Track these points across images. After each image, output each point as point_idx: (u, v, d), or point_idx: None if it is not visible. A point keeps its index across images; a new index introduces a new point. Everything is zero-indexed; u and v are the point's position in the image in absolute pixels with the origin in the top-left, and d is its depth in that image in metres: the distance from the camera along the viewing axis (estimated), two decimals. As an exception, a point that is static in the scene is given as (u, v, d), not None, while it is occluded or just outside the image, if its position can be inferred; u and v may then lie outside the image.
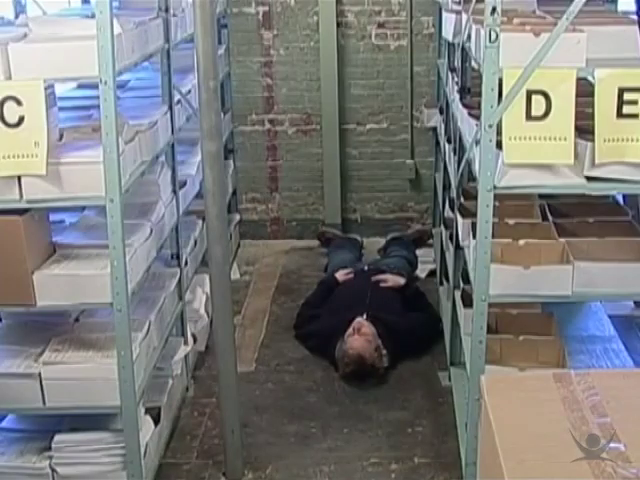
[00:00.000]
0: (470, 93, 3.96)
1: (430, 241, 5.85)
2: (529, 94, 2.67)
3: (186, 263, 4.13)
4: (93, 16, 2.78)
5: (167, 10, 3.76)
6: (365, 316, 4.37)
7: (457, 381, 3.94)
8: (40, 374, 3.10)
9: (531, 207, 3.57)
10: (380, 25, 5.80)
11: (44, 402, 3.13)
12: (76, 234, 3.40)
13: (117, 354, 3.04)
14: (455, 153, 4.08)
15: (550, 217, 3.47)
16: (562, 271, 2.96)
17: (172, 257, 4.00)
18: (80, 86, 4.11)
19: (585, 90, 2.76)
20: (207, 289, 4.42)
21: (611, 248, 3.13)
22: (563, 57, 2.65)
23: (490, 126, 2.74)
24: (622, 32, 2.82)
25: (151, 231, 3.42)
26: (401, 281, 4.90)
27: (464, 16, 3.68)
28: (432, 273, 5.38)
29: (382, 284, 4.83)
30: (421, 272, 5.44)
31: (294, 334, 4.68)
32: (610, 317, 4.03)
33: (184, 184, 4.16)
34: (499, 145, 2.75)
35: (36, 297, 3.01)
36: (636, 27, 2.79)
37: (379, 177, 6.08)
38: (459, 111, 3.79)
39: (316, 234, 6.01)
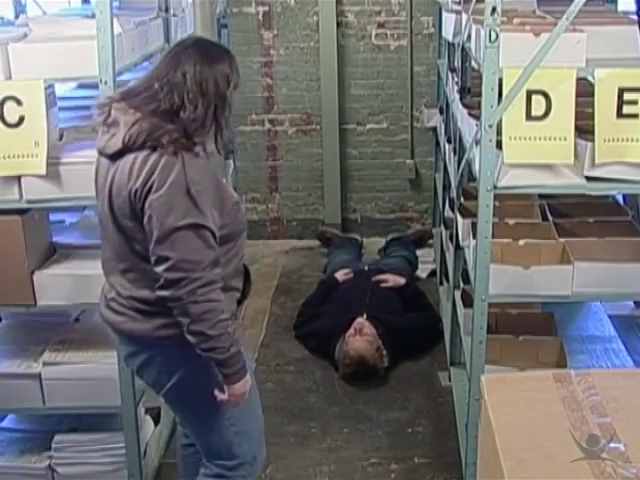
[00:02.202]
0: (470, 93, 3.96)
1: (430, 241, 5.86)
2: (529, 94, 2.67)
3: (186, 263, 4.12)
4: (93, 16, 2.78)
5: (167, 10, 3.76)
6: (365, 316, 4.37)
7: (457, 381, 3.94)
8: (40, 374, 3.10)
9: (531, 207, 3.57)
10: (380, 25, 5.80)
11: (44, 402, 3.13)
12: (76, 234, 3.40)
13: (117, 354, 3.04)
14: (455, 153, 4.08)
15: (550, 217, 3.47)
16: (562, 271, 2.96)
17: (172, 257, 3.99)
18: (80, 86, 4.11)
19: (585, 90, 2.76)
20: (207, 289, 4.41)
21: (611, 248, 3.13)
22: (563, 57, 2.65)
23: (490, 126, 2.74)
24: (622, 32, 2.82)
25: (151, 231, 3.42)
26: (401, 281, 4.91)
27: (464, 16, 3.68)
28: (433, 273, 5.38)
29: (382, 284, 4.83)
30: (422, 272, 5.44)
31: (294, 334, 4.68)
32: (610, 317, 4.02)
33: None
34: (499, 145, 2.75)
35: (36, 297, 3.01)
36: (636, 27, 2.79)
37: (379, 177, 6.08)
38: (459, 111, 3.79)
39: (316, 234, 6.02)
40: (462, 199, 3.78)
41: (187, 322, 2.31)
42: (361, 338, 4.21)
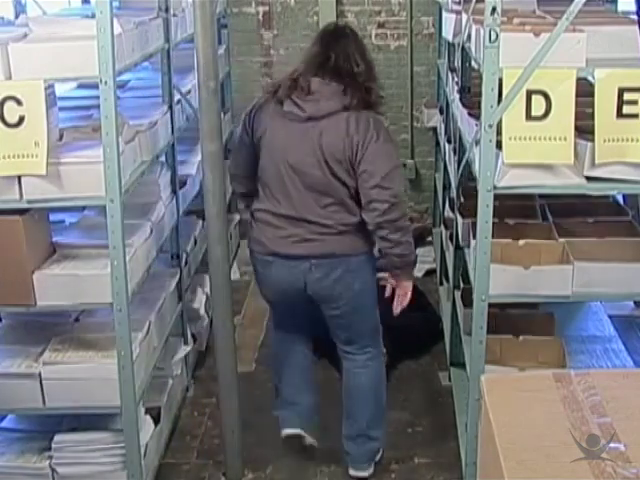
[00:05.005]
0: (470, 93, 3.96)
1: (429, 238, 5.85)
2: (529, 94, 2.67)
3: (186, 263, 4.13)
4: (93, 16, 2.78)
5: (167, 10, 3.76)
6: (365, 316, 4.36)
7: (457, 381, 3.94)
8: (40, 374, 3.10)
9: (531, 207, 3.57)
10: (380, 25, 5.80)
11: (44, 402, 3.13)
12: (76, 234, 3.40)
13: (117, 354, 3.04)
14: (455, 153, 4.08)
15: (550, 217, 3.47)
16: (562, 271, 2.96)
17: (172, 257, 4.00)
18: (80, 86, 4.11)
19: (585, 90, 2.76)
20: (207, 289, 4.42)
21: (611, 248, 3.13)
22: (563, 57, 2.65)
23: (490, 126, 2.74)
24: (622, 32, 2.82)
25: (151, 231, 3.42)
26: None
27: (464, 16, 3.68)
28: (429, 272, 5.38)
29: (381, 282, 4.81)
30: (418, 271, 5.43)
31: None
32: (610, 317, 4.03)
33: (184, 184, 4.16)
34: (499, 145, 2.75)
35: (36, 297, 3.01)
36: (636, 27, 2.79)
37: (379, 177, 6.07)
38: (459, 111, 3.79)
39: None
40: (462, 199, 3.78)
41: (398, 237, 3.07)
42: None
